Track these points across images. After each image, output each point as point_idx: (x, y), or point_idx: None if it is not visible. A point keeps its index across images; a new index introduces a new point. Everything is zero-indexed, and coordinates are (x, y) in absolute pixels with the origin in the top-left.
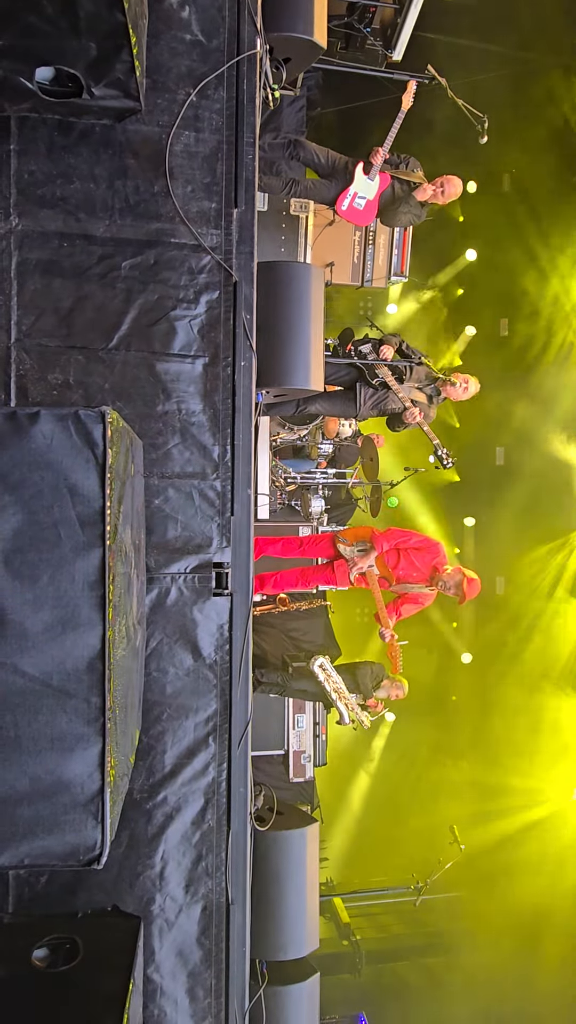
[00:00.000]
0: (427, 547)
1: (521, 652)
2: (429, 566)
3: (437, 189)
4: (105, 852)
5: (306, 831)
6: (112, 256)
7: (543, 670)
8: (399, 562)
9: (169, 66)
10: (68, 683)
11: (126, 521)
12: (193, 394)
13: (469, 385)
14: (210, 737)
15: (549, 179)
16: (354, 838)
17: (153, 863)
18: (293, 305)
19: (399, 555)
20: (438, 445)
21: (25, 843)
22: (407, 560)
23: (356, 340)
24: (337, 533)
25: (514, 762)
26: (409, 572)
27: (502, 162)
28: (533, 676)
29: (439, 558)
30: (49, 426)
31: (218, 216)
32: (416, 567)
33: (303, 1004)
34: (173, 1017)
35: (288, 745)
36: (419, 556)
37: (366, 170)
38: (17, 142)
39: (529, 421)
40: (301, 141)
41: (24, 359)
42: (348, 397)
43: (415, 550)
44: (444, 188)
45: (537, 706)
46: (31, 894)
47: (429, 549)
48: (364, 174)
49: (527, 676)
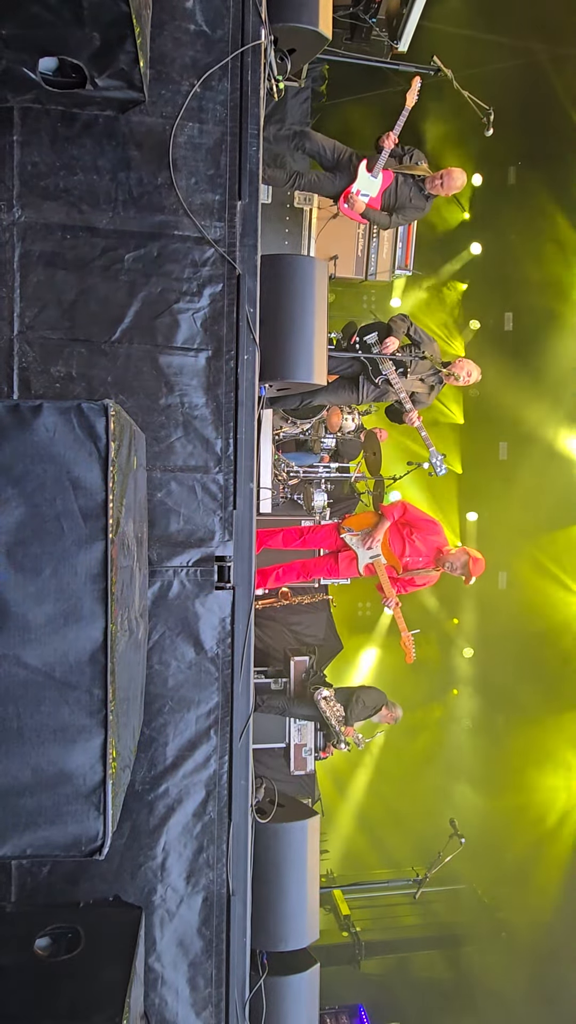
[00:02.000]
0: (430, 526)
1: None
2: (434, 548)
3: (438, 181)
4: (107, 843)
5: (307, 823)
6: (115, 248)
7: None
8: (404, 549)
9: (173, 57)
10: (70, 675)
11: (128, 514)
12: (196, 387)
13: (472, 372)
14: (212, 730)
15: (555, 171)
16: (355, 831)
17: (155, 854)
18: (297, 299)
19: (404, 543)
20: (434, 452)
21: (28, 833)
22: (412, 546)
23: (362, 327)
24: (340, 522)
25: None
26: (415, 558)
27: (508, 155)
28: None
29: (441, 538)
30: (52, 419)
31: (222, 208)
32: (421, 551)
33: (303, 994)
34: (174, 1006)
35: (289, 738)
36: (422, 537)
37: (370, 167)
38: (20, 133)
39: (533, 416)
40: (308, 132)
41: (27, 351)
42: (352, 387)
43: (419, 531)
44: (444, 180)
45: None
46: (33, 884)
47: (432, 528)
48: (368, 171)
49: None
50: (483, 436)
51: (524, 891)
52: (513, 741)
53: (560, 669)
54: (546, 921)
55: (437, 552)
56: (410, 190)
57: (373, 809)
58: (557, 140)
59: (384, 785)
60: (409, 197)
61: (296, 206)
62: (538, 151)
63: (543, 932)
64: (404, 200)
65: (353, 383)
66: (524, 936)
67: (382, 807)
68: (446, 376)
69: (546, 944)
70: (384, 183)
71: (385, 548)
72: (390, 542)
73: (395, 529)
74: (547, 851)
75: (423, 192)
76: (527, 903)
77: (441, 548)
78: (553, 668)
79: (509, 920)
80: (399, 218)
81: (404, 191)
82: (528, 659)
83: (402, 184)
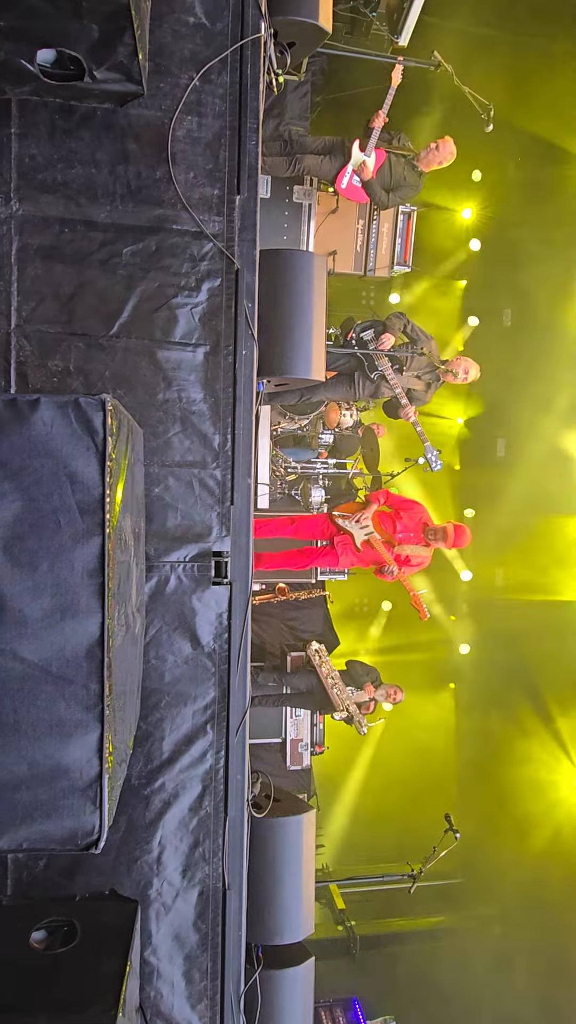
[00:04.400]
0: (413, 505)
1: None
2: (419, 523)
3: (432, 151)
4: (103, 837)
5: (302, 818)
6: (113, 242)
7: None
8: (395, 526)
9: (172, 49)
10: (67, 670)
11: (126, 509)
12: (194, 382)
13: (470, 370)
14: (208, 725)
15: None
16: (350, 825)
17: (151, 848)
18: (295, 294)
19: (393, 520)
20: (429, 447)
21: (24, 827)
22: (402, 524)
23: (359, 324)
24: (331, 511)
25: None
26: (407, 533)
27: (508, 150)
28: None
29: (425, 515)
30: (49, 413)
31: (220, 203)
32: (409, 527)
33: (298, 988)
34: (169, 999)
35: (286, 733)
36: (409, 515)
37: (362, 146)
38: (18, 125)
39: (531, 412)
40: (301, 142)
41: (24, 345)
42: (348, 383)
43: (405, 511)
44: (439, 148)
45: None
46: (30, 877)
47: (415, 508)
48: (360, 150)
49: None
50: (481, 433)
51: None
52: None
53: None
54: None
55: (424, 526)
56: (403, 168)
57: (368, 804)
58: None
59: (379, 780)
60: (403, 175)
61: (295, 201)
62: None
63: (537, 924)
64: (399, 178)
65: (349, 379)
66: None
67: (377, 802)
68: (443, 373)
69: (540, 940)
70: (377, 162)
71: (377, 527)
72: (381, 523)
73: (382, 513)
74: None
75: (416, 170)
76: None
77: (427, 522)
78: (547, 665)
79: (503, 913)
80: (395, 197)
81: (398, 169)
82: (523, 656)
83: (395, 163)
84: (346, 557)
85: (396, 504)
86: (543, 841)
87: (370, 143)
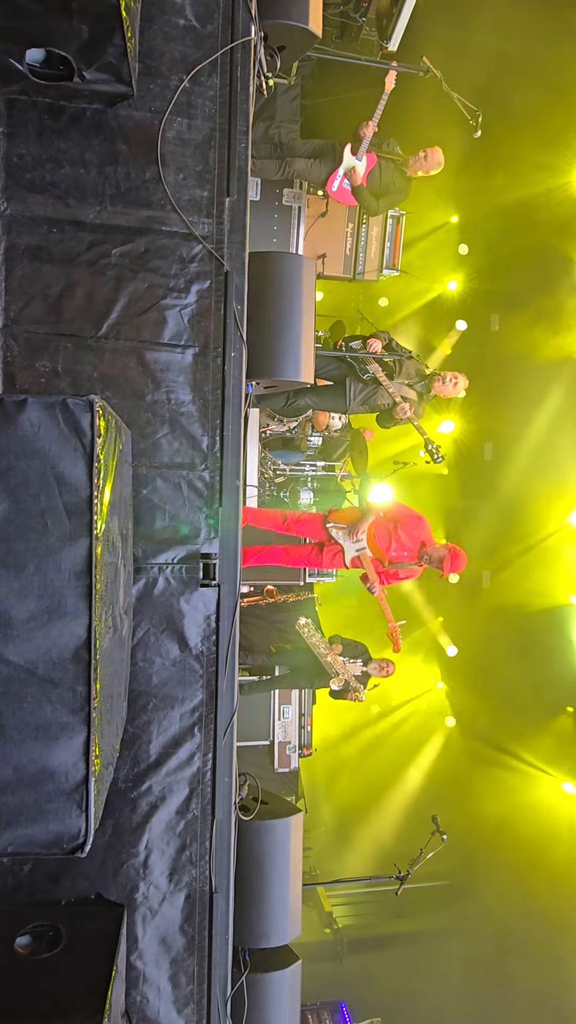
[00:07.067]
0: (415, 521)
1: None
2: (418, 541)
3: (421, 157)
4: (89, 840)
5: (290, 821)
6: (102, 243)
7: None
8: (390, 543)
9: (162, 51)
10: (53, 672)
11: (113, 511)
12: (183, 384)
13: (459, 381)
14: (195, 727)
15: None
16: (338, 828)
17: (137, 852)
18: (285, 296)
19: (390, 537)
20: (428, 440)
21: (9, 831)
22: (397, 541)
23: (346, 337)
24: (327, 515)
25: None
26: (400, 552)
27: (496, 157)
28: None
29: (426, 534)
30: (36, 414)
31: (210, 205)
32: (405, 546)
33: (285, 991)
34: (156, 1003)
35: (273, 736)
36: (407, 532)
37: (354, 150)
38: (6, 125)
39: (518, 417)
40: (291, 146)
41: (12, 346)
42: (338, 392)
43: (404, 526)
44: (428, 156)
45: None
46: (14, 882)
47: (417, 523)
48: (352, 154)
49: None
50: (468, 437)
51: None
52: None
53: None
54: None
55: (421, 545)
56: (392, 172)
57: (356, 806)
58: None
59: (367, 782)
60: (392, 180)
61: (285, 204)
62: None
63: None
64: (388, 183)
65: (340, 387)
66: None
67: (365, 804)
68: (434, 381)
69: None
70: (368, 165)
71: (371, 541)
72: (376, 536)
73: (381, 523)
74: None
75: (404, 174)
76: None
77: (425, 542)
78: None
79: (490, 914)
80: (385, 203)
81: (387, 175)
82: (510, 658)
83: (384, 167)
84: (332, 564)
85: (399, 517)
86: (530, 844)
87: (362, 147)
